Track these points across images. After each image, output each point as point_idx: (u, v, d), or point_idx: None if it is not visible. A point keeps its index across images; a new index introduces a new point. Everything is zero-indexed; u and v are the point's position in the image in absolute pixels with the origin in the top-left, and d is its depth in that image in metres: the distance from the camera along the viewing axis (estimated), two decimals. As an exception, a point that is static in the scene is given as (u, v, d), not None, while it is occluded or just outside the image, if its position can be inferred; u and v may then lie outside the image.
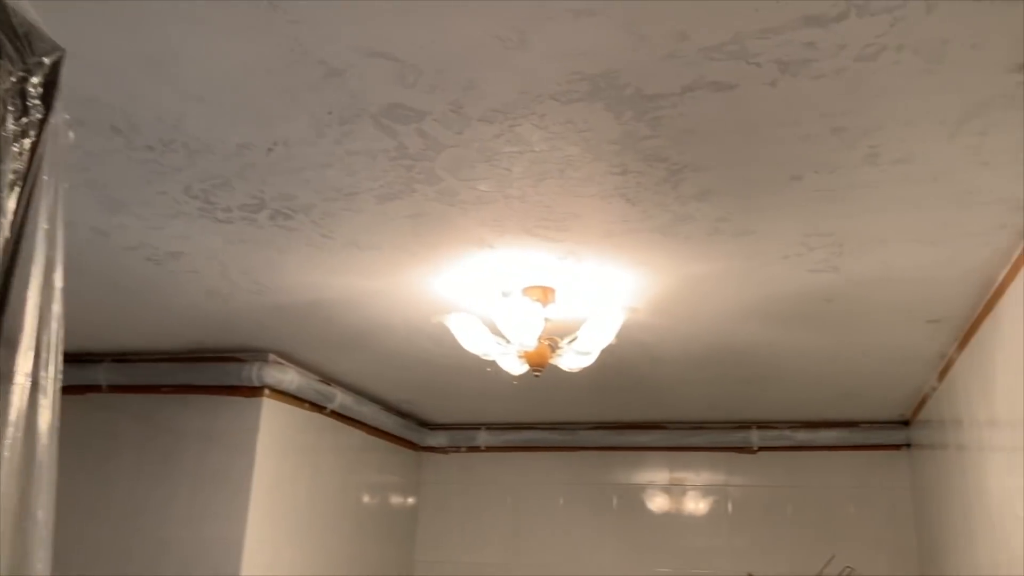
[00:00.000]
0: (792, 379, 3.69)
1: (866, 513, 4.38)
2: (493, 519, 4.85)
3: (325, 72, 1.62)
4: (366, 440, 4.35)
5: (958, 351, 3.09)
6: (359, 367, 3.73)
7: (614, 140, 1.80)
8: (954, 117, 1.68)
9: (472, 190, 2.06)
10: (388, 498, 4.64)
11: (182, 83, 1.67)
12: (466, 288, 2.69)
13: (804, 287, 2.60)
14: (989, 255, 2.33)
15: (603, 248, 2.36)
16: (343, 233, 2.33)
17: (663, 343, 3.20)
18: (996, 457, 2.69)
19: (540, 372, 2.68)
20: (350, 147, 1.88)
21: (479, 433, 4.92)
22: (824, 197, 2.04)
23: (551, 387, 3.85)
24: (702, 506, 4.61)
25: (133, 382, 3.63)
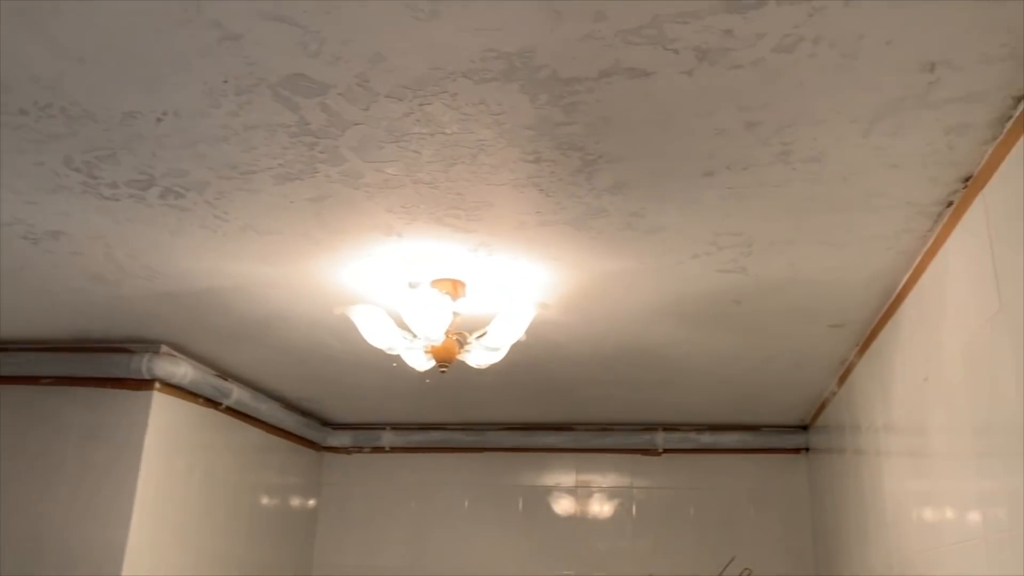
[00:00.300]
0: (699, 381, 3.71)
1: (765, 515, 4.45)
2: (396, 522, 4.73)
3: (220, 35, 1.50)
4: (264, 439, 4.18)
5: (858, 356, 3.15)
6: (257, 361, 3.57)
7: (529, 125, 1.74)
8: (866, 116, 1.68)
9: (379, 173, 1.96)
10: (287, 500, 4.47)
11: (60, 40, 1.52)
12: (371, 278, 2.59)
13: (713, 287, 2.60)
14: (892, 259, 2.37)
15: (515, 240, 2.29)
16: (240, 215, 2.20)
17: (573, 341, 3.16)
18: (892, 461, 2.74)
19: (447, 368, 2.59)
20: (247, 120, 1.76)
21: (384, 433, 4.80)
22: (735, 195, 2.02)
23: (459, 386, 3.77)
24: (607, 508, 4.60)
25: (9, 372, 3.38)
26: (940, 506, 2.23)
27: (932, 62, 1.51)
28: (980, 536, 1.92)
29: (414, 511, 4.74)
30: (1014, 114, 1.65)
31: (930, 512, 2.32)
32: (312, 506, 4.75)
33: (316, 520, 4.78)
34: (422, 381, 3.58)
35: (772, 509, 4.45)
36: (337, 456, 4.88)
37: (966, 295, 1.99)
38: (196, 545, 3.56)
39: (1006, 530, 1.77)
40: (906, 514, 2.57)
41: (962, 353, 2.03)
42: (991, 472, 1.86)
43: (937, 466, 2.26)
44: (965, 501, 2.03)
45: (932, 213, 2.09)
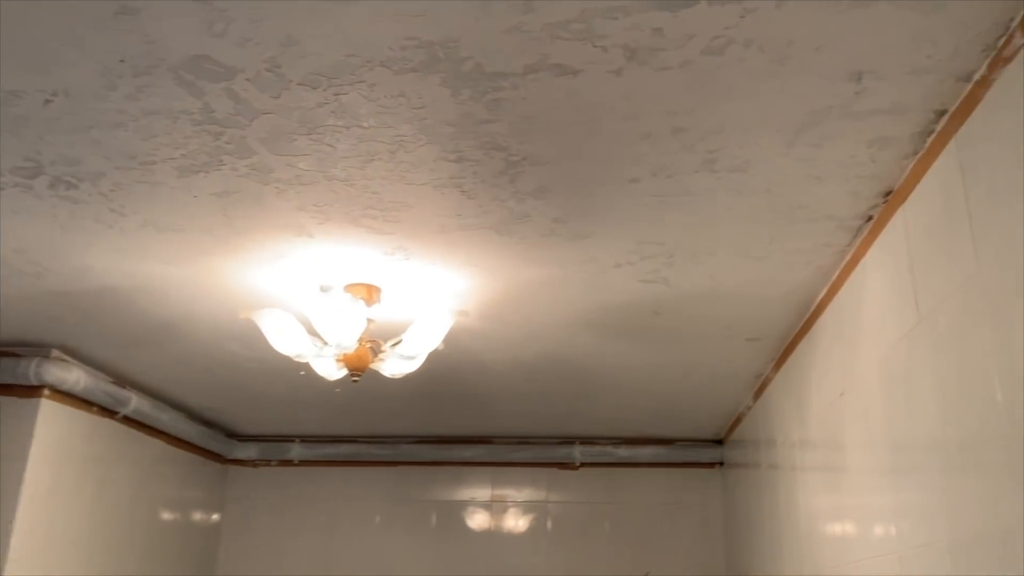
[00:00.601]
0: (617, 394, 3.68)
1: (679, 529, 4.45)
2: (303, 538, 4.55)
3: (117, 9, 1.37)
4: (164, 451, 3.96)
5: (774, 371, 3.17)
6: (158, 368, 3.37)
7: (450, 121, 1.66)
8: (792, 125, 1.66)
9: (290, 168, 1.85)
10: (187, 515, 4.25)
11: (-68, 5, 1.38)
12: (280, 281, 2.46)
13: (635, 298, 2.56)
14: (811, 274, 2.37)
15: (435, 244, 2.20)
16: (138, 209, 2.05)
17: (492, 351, 3.08)
18: (808, 476, 2.75)
19: (359, 377, 2.48)
20: (147, 105, 1.63)
21: (292, 446, 4.63)
22: (660, 203, 1.99)
23: (372, 397, 3.65)
24: (522, 523, 4.53)
25: None
26: (855, 521, 2.23)
27: (860, 71, 1.49)
28: (895, 551, 1.92)
29: (323, 526, 4.58)
30: (936, 128, 1.65)
31: (844, 527, 2.32)
32: (215, 521, 4.53)
33: (219, 536, 4.56)
34: (333, 391, 3.45)
35: (686, 523, 4.46)
36: (243, 469, 4.68)
37: (884, 310, 2.00)
38: (84, 563, 3.33)
39: (921, 545, 1.76)
40: (820, 529, 2.58)
41: (879, 368, 2.03)
42: (907, 487, 1.86)
43: (852, 481, 2.26)
44: (880, 516, 2.03)
45: (852, 227, 2.09)
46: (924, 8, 1.34)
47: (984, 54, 1.44)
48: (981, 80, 1.48)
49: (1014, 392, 1.37)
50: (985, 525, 1.48)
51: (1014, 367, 1.37)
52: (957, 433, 1.60)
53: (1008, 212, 1.40)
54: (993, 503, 1.45)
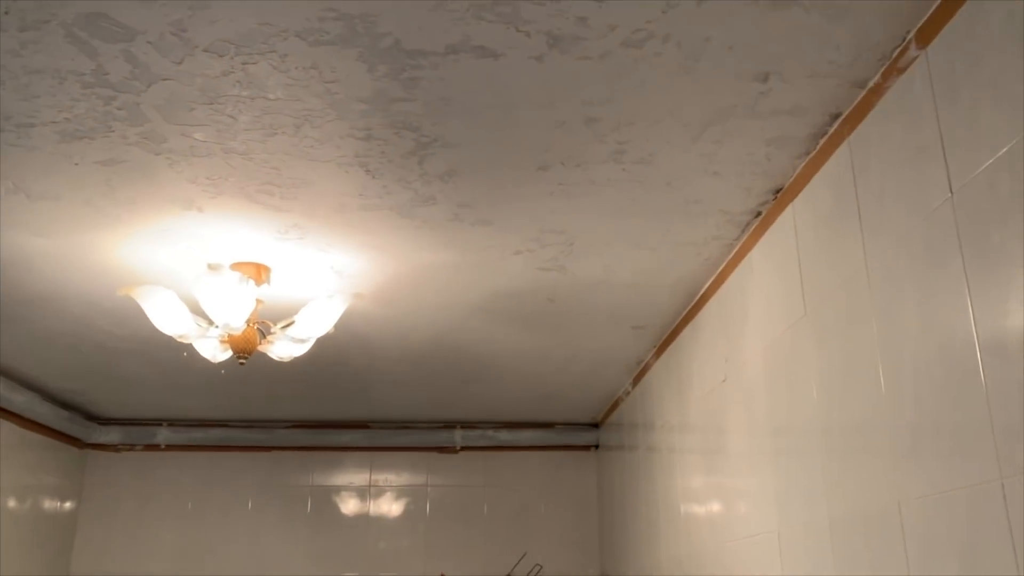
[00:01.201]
0: (501, 379, 3.70)
1: (555, 512, 4.54)
2: (169, 524, 4.36)
3: (4, -45, 1.26)
4: (17, 434, 3.69)
5: (655, 357, 3.28)
6: (16, 346, 3.13)
7: (363, 98, 1.61)
8: (699, 121, 1.72)
9: (185, 138, 1.75)
10: (41, 503, 3.97)
11: None
12: (164, 257, 2.33)
13: (531, 285, 2.59)
14: (699, 265, 2.46)
15: (333, 224, 2.15)
16: (10, 175, 1.89)
17: (380, 335, 3.03)
18: (686, 459, 2.86)
19: (246, 359, 2.39)
20: (31, 62, 1.50)
21: (160, 430, 4.42)
22: (565, 192, 2.01)
23: (249, 381, 3.53)
24: (400, 507, 4.51)
25: None
26: (734, 501, 2.34)
27: (767, 72, 1.56)
28: (774, 530, 2.03)
29: (191, 513, 4.39)
30: (829, 131, 1.75)
31: (724, 507, 2.43)
32: (71, 509, 4.26)
33: (75, 526, 4.30)
34: (207, 374, 3.31)
35: (562, 505, 4.55)
36: (103, 454, 4.42)
37: (770, 302, 2.10)
38: (-73, 558, 3.07)
39: (801, 524, 1.87)
40: (699, 510, 2.69)
41: (763, 356, 2.13)
42: (787, 469, 1.97)
43: (733, 464, 2.37)
44: (760, 497, 2.13)
45: (741, 222, 2.18)
46: (831, 14, 1.41)
47: (880, 63, 1.53)
48: (875, 87, 1.57)
49: (898, 382, 1.47)
50: (863, 504, 1.59)
51: (899, 359, 1.47)
52: (839, 419, 1.70)
53: (897, 213, 1.50)
54: (872, 483, 1.56)
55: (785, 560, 1.96)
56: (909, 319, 1.44)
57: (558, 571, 4.28)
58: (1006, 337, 1.19)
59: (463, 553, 4.41)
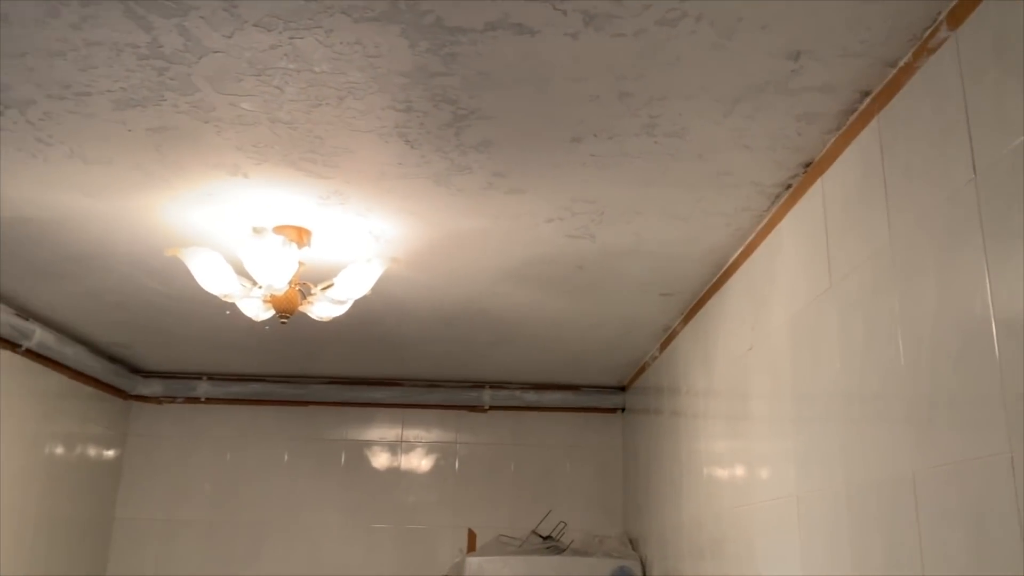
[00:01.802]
0: (530, 342, 3.78)
1: (580, 472, 4.65)
2: (207, 473, 4.53)
3: (68, -65, 1.33)
4: (67, 385, 3.85)
5: (683, 324, 3.33)
6: (67, 301, 3.26)
7: (404, 72, 1.67)
8: (731, 96, 1.75)
9: (233, 107, 1.83)
10: (88, 451, 4.15)
11: None
12: (211, 220, 2.42)
13: (561, 252, 2.65)
14: (728, 236, 2.51)
15: (372, 191, 2.22)
16: (67, 140, 1.98)
17: (415, 298, 3.12)
18: (711, 423, 2.93)
19: (287, 319, 2.49)
20: (91, 35, 1.58)
21: (200, 383, 4.57)
22: (597, 162, 2.06)
23: (286, 338, 3.64)
24: (430, 463, 4.64)
25: None
26: (756, 465, 2.41)
27: (798, 51, 1.59)
28: (793, 494, 2.10)
29: (228, 463, 4.56)
30: (859, 108, 1.78)
31: (746, 470, 2.51)
32: (116, 457, 4.45)
33: (120, 472, 4.49)
34: (247, 331, 3.43)
35: (587, 466, 4.66)
36: (147, 406, 4.59)
37: (797, 273, 2.14)
38: (-15, 499, 3.24)
39: (818, 489, 1.94)
40: (722, 472, 2.77)
41: (789, 326, 2.19)
42: (808, 435, 2.03)
43: (756, 429, 2.43)
44: (782, 461, 2.20)
45: (772, 194, 2.22)
46: (863, -3, 1.44)
47: (911, 43, 1.56)
48: (905, 67, 1.60)
49: (917, 355, 1.52)
50: (880, 472, 1.65)
51: (918, 333, 1.52)
52: (859, 388, 1.76)
53: (921, 191, 1.53)
54: (888, 453, 1.62)
55: (802, 524, 2.04)
56: (929, 294, 1.49)
57: (582, 529, 4.39)
58: (1021, 316, 1.24)
59: (489, 509, 4.54)
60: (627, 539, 4.27)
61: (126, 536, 4.41)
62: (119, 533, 4.41)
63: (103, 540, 4.32)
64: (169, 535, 4.43)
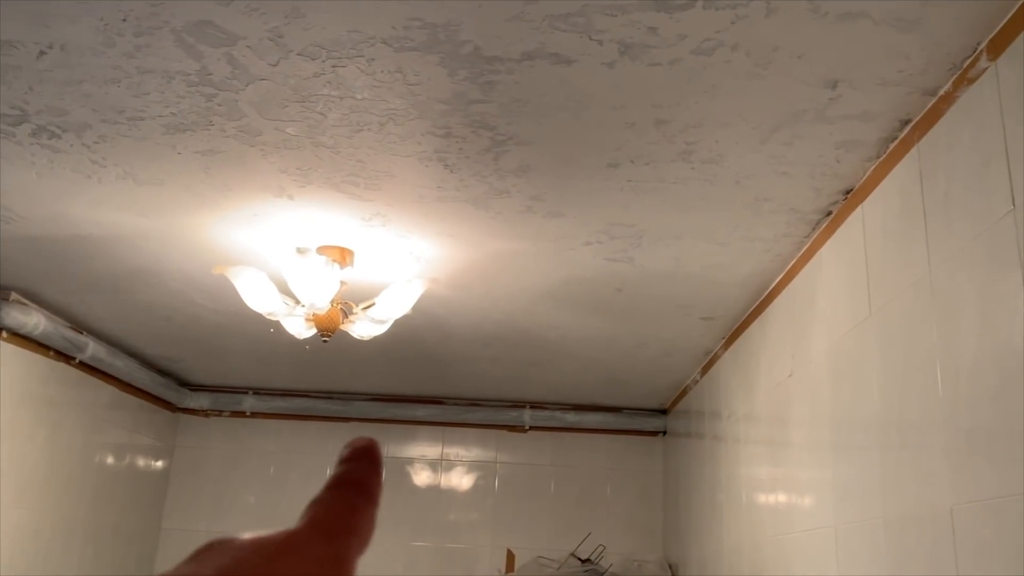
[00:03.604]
0: (570, 363, 3.79)
1: (621, 495, 4.62)
2: (252, 489, 4.61)
3: (124, -30, 1.39)
4: (117, 397, 3.96)
5: (724, 348, 3.31)
6: (118, 316, 3.36)
7: (443, 99, 1.71)
8: (768, 124, 1.75)
9: (278, 132, 1.88)
10: (137, 461, 4.26)
11: (-66, -48, 1.37)
12: (256, 240, 2.49)
13: (600, 274, 2.66)
14: (769, 261, 2.49)
15: (412, 214, 2.26)
16: (120, 162, 2.06)
17: (455, 317, 3.15)
18: (751, 449, 2.90)
19: (329, 337, 2.53)
20: (143, 63, 1.64)
21: (246, 398, 4.65)
22: (635, 188, 2.07)
23: (330, 355, 3.70)
24: (470, 481, 4.65)
25: None
26: (795, 494, 2.38)
27: (836, 80, 1.59)
28: (831, 525, 2.07)
29: (272, 477, 4.63)
30: (899, 136, 1.76)
31: (785, 499, 2.48)
32: (163, 468, 4.55)
33: (167, 483, 4.59)
34: (292, 347, 3.49)
35: (628, 489, 4.62)
36: (194, 418, 4.69)
37: (837, 300, 2.12)
38: (39, 506, 3.35)
39: (856, 521, 1.91)
40: (761, 499, 2.73)
41: (828, 354, 2.16)
42: (846, 464, 2.00)
43: (795, 456, 2.41)
44: (820, 491, 2.17)
45: (811, 220, 2.21)
46: (902, 26, 1.43)
47: (950, 72, 1.55)
48: (945, 96, 1.59)
49: (955, 386, 1.50)
50: (917, 505, 1.62)
51: (956, 365, 1.50)
52: (898, 418, 1.73)
53: (960, 221, 1.52)
54: (926, 485, 1.59)
55: (841, 556, 2.00)
56: (968, 326, 1.47)
57: (621, 553, 4.35)
58: (1059, 351, 1.22)
59: (529, 529, 4.53)
60: (666, 564, 4.22)
61: (172, 546, 4.50)
62: (165, 543, 4.50)
63: (150, 549, 4.41)
64: (213, 546, 4.50)
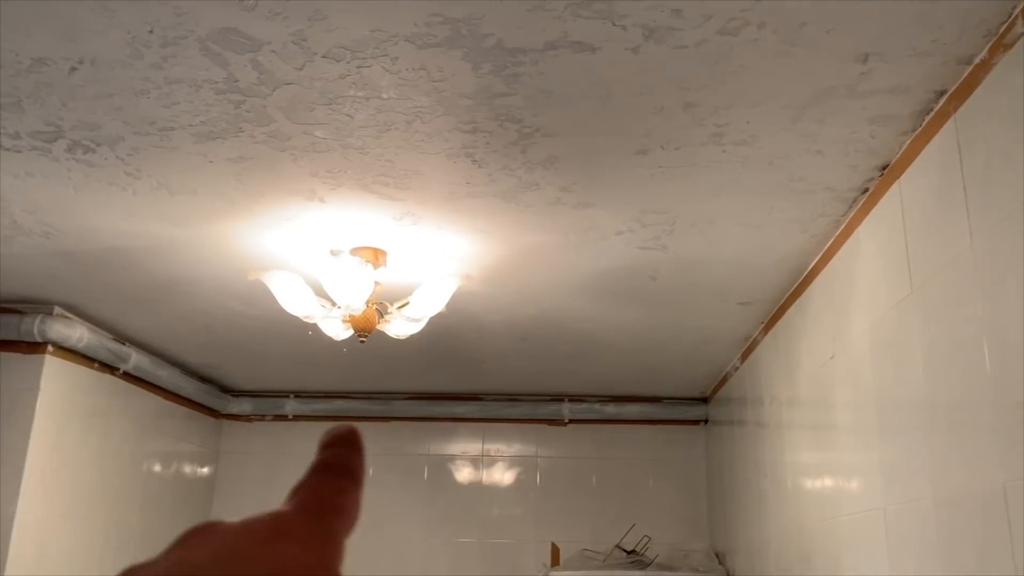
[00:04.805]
0: (607, 354, 3.77)
1: (664, 485, 4.59)
2: (298, 490, 4.64)
3: (148, -19, 1.40)
4: (162, 405, 4.02)
5: (763, 333, 3.27)
6: (158, 326, 3.42)
7: (468, 94, 1.70)
8: (799, 102, 1.72)
9: (307, 136, 1.89)
10: (183, 468, 4.33)
11: (-36, -26, 1.40)
12: (290, 244, 2.51)
13: (633, 263, 2.64)
14: (805, 242, 2.46)
15: (442, 211, 2.26)
16: (153, 173, 2.09)
17: (489, 312, 3.15)
18: (795, 434, 2.86)
19: (366, 337, 2.55)
20: (171, 74, 1.66)
21: (287, 401, 4.70)
22: (666, 174, 2.05)
23: (368, 355, 3.72)
24: (512, 476, 4.66)
25: None
26: (842, 478, 2.35)
27: (866, 53, 1.56)
28: (880, 507, 2.03)
29: (317, 480, 4.66)
30: (935, 108, 1.72)
31: (831, 483, 2.44)
32: (209, 474, 4.62)
33: (213, 488, 4.65)
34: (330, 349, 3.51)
35: (670, 479, 4.60)
36: (237, 424, 4.75)
37: (877, 279, 2.08)
38: (89, 515, 3.41)
39: (906, 502, 1.87)
40: (807, 485, 2.70)
41: (870, 333, 2.12)
42: (893, 446, 1.97)
43: (840, 440, 2.37)
44: (867, 474, 2.14)
45: (848, 199, 2.17)
46: (932, -5, 1.40)
47: (985, 39, 1.51)
48: (981, 63, 1.55)
49: (1003, 361, 1.46)
50: (968, 484, 1.58)
51: (1004, 338, 1.46)
52: (945, 397, 1.69)
53: (1003, 190, 1.48)
54: (976, 464, 1.55)
55: (891, 538, 1.97)
56: (1014, 298, 1.43)
57: (667, 543, 4.33)
58: (1111, 320, 1.18)
59: (572, 523, 4.52)
60: (713, 553, 4.19)
61: (221, 550, 4.55)
62: (215, 547, 4.56)
63: (200, 554, 4.47)
64: (261, 549, 4.56)
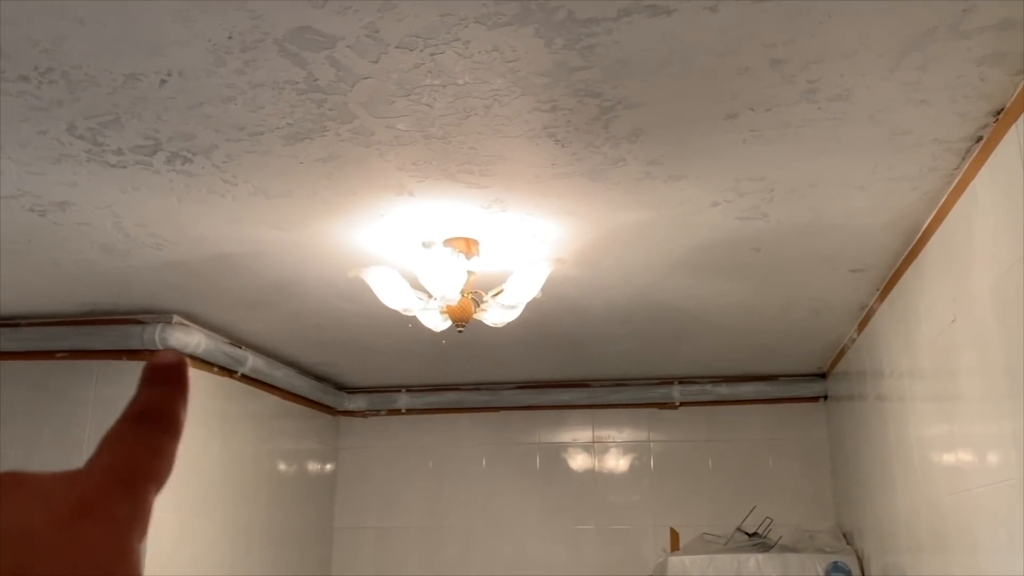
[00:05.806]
0: (714, 333, 3.67)
1: (784, 464, 4.44)
2: (414, 483, 4.74)
3: (222, -12, 1.44)
4: (280, 405, 4.17)
5: (879, 301, 3.11)
6: (271, 327, 3.54)
7: (544, 72, 1.68)
8: (895, 49, 1.62)
9: (390, 129, 1.91)
10: (305, 465, 4.48)
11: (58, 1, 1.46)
12: (384, 239, 2.54)
13: (732, 235, 2.55)
14: (916, 200, 2.31)
15: (530, 195, 2.24)
16: (248, 178, 2.15)
17: (587, 296, 3.11)
18: (918, 406, 2.71)
19: (463, 327, 2.56)
20: (253, 78, 1.70)
21: (399, 396, 4.79)
22: (758, 138, 1.96)
23: (473, 346, 3.75)
24: (624, 462, 4.61)
25: (23, 348, 3.35)
26: (970, 449, 2.20)
27: (967, -12, 1.44)
28: (1013, 477, 1.89)
29: (432, 471, 4.75)
30: (1051, 41, 1.58)
31: (960, 455, 2.29)
32: (330, 470, 4.76)
33: (335, 483, 4.80)
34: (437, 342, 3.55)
35: (791, 458, 4.44)
36: (353, 420, 4.88)
37: (996, 233, 1.94)
38: (219, 514, 3.57)
39: (1044, 470, 1.74)
40: (934, 458, 2.55)
41: (992, 292, 1.98)
42: (1026, 412, 1.83)
43: (967, 409, 2.22)
44: (997, 443, 1.99)
45: (960, 150, 2.03)
46: (1037, -85, 1.28)
47: (1104, -42, 1.37)
48: (1101, -14, 1.41)
49: None
50: (1114, 447, 1.45)
51: None
52: (1081, 355, 1.56)
53: None
54: (1122, 425, 1.42)
55: (1029, 509, 1.83)
56: None
57: (790, 525, 4.19)
58: None
59: (690, 507, 4.43)
60: (840, 533, 4.03)
61: (346, 545, 4.70)
62: (340, 542, 4.71)
63: (325, 549, 4.63)
64: (384, 542, 4.68)
